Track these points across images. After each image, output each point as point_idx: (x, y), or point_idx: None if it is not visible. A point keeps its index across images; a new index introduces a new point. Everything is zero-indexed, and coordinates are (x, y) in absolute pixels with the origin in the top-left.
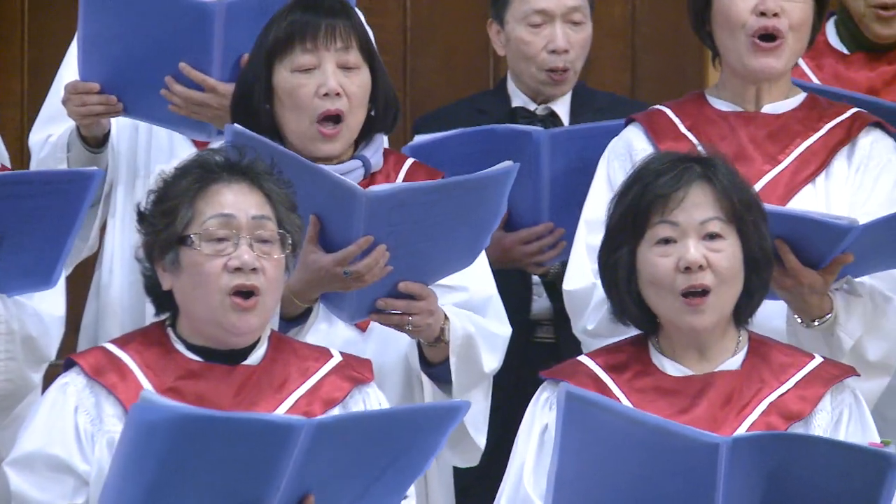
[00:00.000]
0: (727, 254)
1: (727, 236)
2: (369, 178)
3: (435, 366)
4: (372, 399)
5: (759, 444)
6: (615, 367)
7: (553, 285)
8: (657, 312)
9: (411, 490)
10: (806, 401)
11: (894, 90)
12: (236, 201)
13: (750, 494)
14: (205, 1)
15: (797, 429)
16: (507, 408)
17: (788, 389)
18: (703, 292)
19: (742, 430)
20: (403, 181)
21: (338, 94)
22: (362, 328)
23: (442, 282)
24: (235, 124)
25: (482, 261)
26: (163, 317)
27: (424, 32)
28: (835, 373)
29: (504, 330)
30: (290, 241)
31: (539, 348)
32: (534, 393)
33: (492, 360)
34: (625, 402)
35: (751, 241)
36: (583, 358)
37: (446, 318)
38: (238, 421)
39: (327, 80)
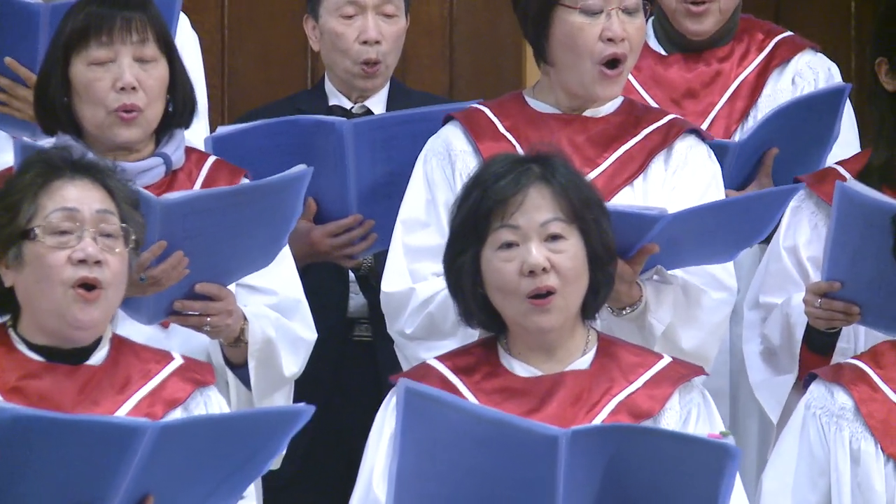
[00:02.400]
0: (570, 254)
1: (569, 236)
2: (171, 175)
3: (237, 367)
4: (213, 402)
5: (598, 436)
6: (464, 369)
7: (367, 281)
8: (504, 316)
9: (249, 490)
10: (655, 400)
11: (711, 91)
12: (80, 196)
13: (591, 486)
14: (31, 1)
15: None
16: (326, 406)
17: (637, 388)
18: (549, 293)
19: None
20: (205, 179)
21: (133, 89)
22: (164, 325)
23: (250, 283)
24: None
25: (289, 264)
26: (3, 318)
27: (242, 31)
28: (683, 372)
29: (309, 335)
30: (133, 237)
31: (356, 346)
32: (352, 391)
33: (293, 365)
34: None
35: (593, 239)
36: (432, 361)
37: (245, 319)
38: (82, 423)
39: (123, 74)
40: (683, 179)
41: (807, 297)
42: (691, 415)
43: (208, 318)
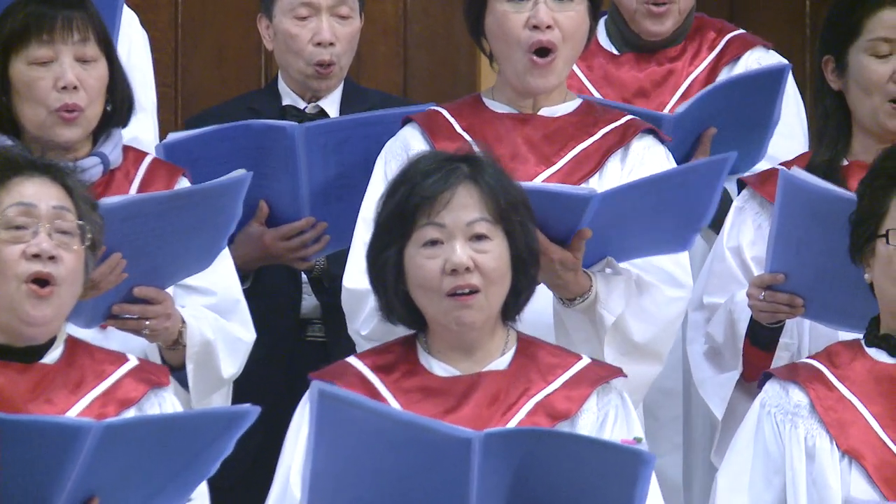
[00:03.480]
0: (494, 255)
1: (494, 237)
2: (108, 174)
3: (175, 370)
4: (168, 403)
5: (511, 439)
6: (383, 367)
7: (320, 282)
8: (425, 313)
9: (199, 490)
10: (572, 401)
11: (663, 91)
12: (37, 192)
13: (504, 489)
14: None
15: (563, 428)
16: (278, 408)
17: (555, 389)
18: (472, 291)
19: None
20: (142, 179)
21: (75, 88)
22: (102, 327)
23: (188, 283)
24: None
25: (228, 265)
26: None
27: (196, 30)
28: (601, 374)
29: (248, 335)
30: (89, 235)
31: (309, 347)
32: (304, 392)
33: (231, 366)
34: (393, 402)
35: (518, 241)
36: (351, 359)
37: (184, 322)
38: (24, 423)
39: (65, 74)
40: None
41: (750, 290)
42: (609, 416)
43: (147, 322)
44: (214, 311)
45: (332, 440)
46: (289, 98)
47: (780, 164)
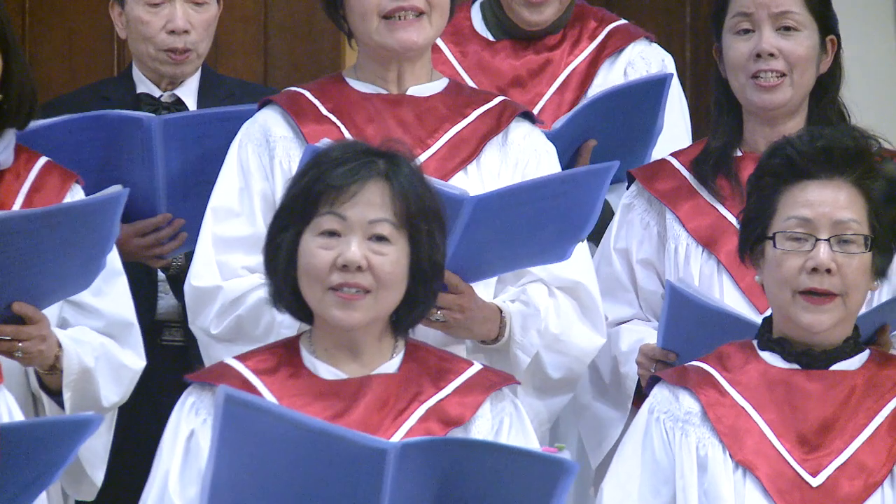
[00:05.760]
0: (391, 259)
1: (395, 241)
2: None
3: (54, 394)
4: (1, 402)
5: (428, 449)
6: (266, 370)
7: (177, 281)
8: (309, 303)
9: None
10: (465, 407)
11: (540, 80)
12: None
13: (421, 499)
14: None
15: (456, 434)
16: (133, 411)
17: (447, 395)
18: (359, 290)
19: (399, 436)
20: (34, 181)
21: None
22: None
23: (81, 301)
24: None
25: (122, 288)
26: None
27: (45, 16)
28: (494, 380)
29: (136, 362)
30: None
31: (167, 351)
32: (161, 397)
33: (113, 395)
34: None
35: (422, 251)
36: (231, 361)
37: (60, 346)
38: None
39: None
40: (529, 175)
41: (641, 358)
42: (503, 424)
43: (20, 344)
44: (104, 334)
45: (236, 447)
46: (143, 86)
47: (670, 154)
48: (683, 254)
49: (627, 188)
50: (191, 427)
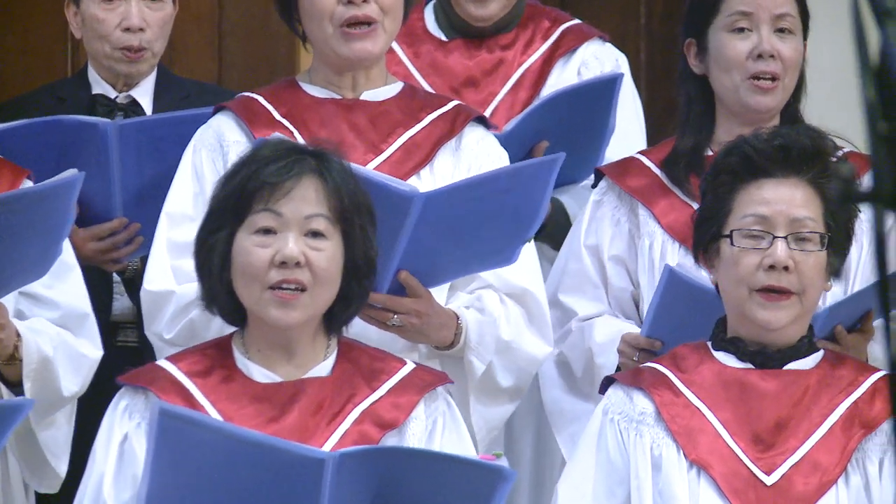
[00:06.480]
0: (327, 254)
1: (330, 236)
2: None
3: (14, 385)
4: None
5: (367, 458)
6: (199, 372)
7: (133, 283)
8: (245, 304)
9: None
10: (400, 409)
11: (493, 80)
12: None
13: None
14: None
15: (391, 437)
16: (87, 415)
17: (381, 396)
18: (297, 288)
19: (334, 440)
20: None
21: None
22: None
23: (35, 292)
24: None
25: (77, 277)
26: None
27: None
28: (428, 380)
29: (94, 352)
30: None
31: (121, 352)
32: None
33: (73, 384)
34: (211, 409)
35: (356, 246)
36: (163, 362)
37: (19, 336)
38: None
39: None
40: None
41: (623, 347)
42: (437, 424)
43: None
44: (60, 325)
45: (172, 460)
46: (99, 87)
47: (639, 152)
48: (659, 250)
49: (594, 186)
50: (124, 431)
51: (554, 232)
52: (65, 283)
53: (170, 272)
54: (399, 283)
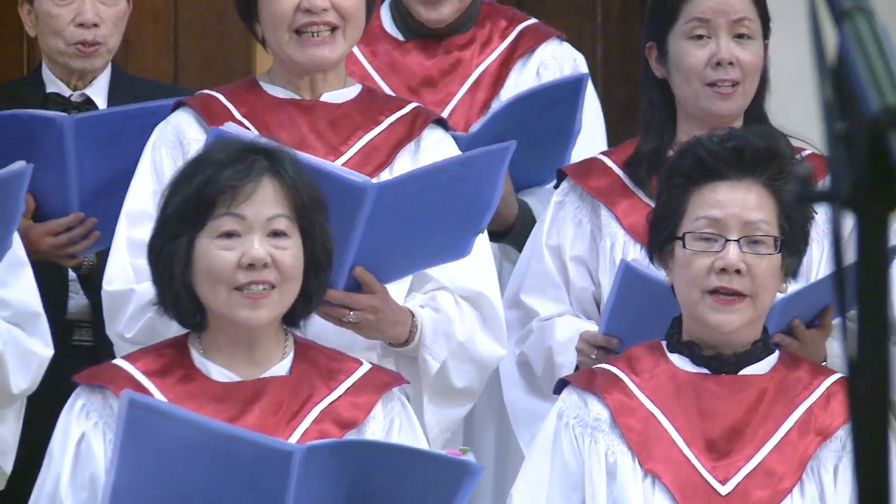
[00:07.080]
0: (291, 252)
1: (291, 234)
2: None
3: None
4: None
5: (334, 451)
6: (156, 371)
7: (89, 280)
8: (210, 307)
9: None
10: (358, 408)
11: (451, 80)
12: None
13: (324, 502)
14: None
15: (351, 437)
16: (42, 415)
17: (339, 396)
18: (265, 288)
19: (294, 438)
20: None
21: None
22: None
23: None
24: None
25: (27, 275)
26: None
27: None
28: (385, 379)
29: (44, 350)
30: None
31: (77, 351)
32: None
33: (22, 381)
34: None
35: (315, 242)
36: (119, 362)
37: None
38: None
39: None
40: None
41: (581, 345)
42: (394, 424)
43: None
44: (10, 321)
45: (139, 453)
46: (53, 85)
47: (602, 153)
48: (620, 250)
49: (556, 186)
50: (81, 430)
51: (519, 234)
52: (17, 280)
53: (130, 271)
54: (355, 279)
